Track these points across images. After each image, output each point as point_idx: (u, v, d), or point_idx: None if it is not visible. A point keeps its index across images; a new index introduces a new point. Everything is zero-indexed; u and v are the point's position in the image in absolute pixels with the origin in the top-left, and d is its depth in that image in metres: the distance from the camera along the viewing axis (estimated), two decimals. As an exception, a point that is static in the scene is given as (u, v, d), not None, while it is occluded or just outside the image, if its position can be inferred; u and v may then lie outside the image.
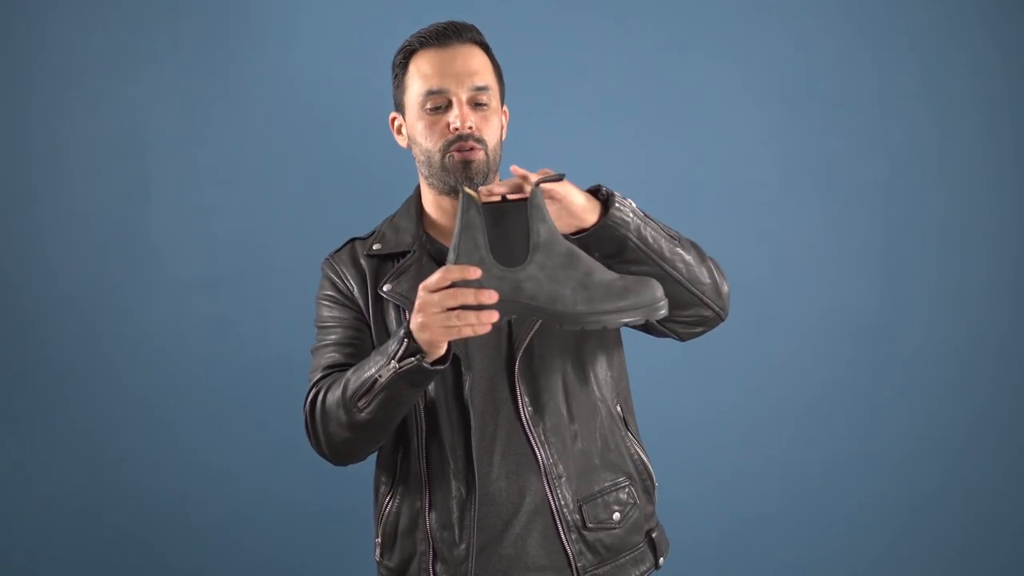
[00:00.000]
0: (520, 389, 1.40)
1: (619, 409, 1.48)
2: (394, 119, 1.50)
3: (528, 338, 1.39)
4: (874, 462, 2.22)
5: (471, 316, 1.16)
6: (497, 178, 1.48)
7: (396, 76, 1.46)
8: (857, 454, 2.22)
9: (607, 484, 1.43)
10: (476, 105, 1.41)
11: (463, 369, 1.39)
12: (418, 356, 1.23)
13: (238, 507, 2.11)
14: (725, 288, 1.39)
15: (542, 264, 1.17)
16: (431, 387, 1.40)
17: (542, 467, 1.39)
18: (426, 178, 1.46)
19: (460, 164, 1.39)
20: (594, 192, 1.31)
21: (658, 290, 1.18)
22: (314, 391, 1.39)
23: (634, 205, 1.31)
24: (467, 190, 1.18)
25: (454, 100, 1.40)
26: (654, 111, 2.18)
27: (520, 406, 1.39)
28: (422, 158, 1.43)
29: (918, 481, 2.23)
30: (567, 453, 1.40)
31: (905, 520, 2.23)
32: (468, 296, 1.16)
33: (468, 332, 1.17)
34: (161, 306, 2.10)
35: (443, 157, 1.39)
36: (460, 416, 1.40)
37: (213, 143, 2.12)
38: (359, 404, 1.29)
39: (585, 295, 1.16)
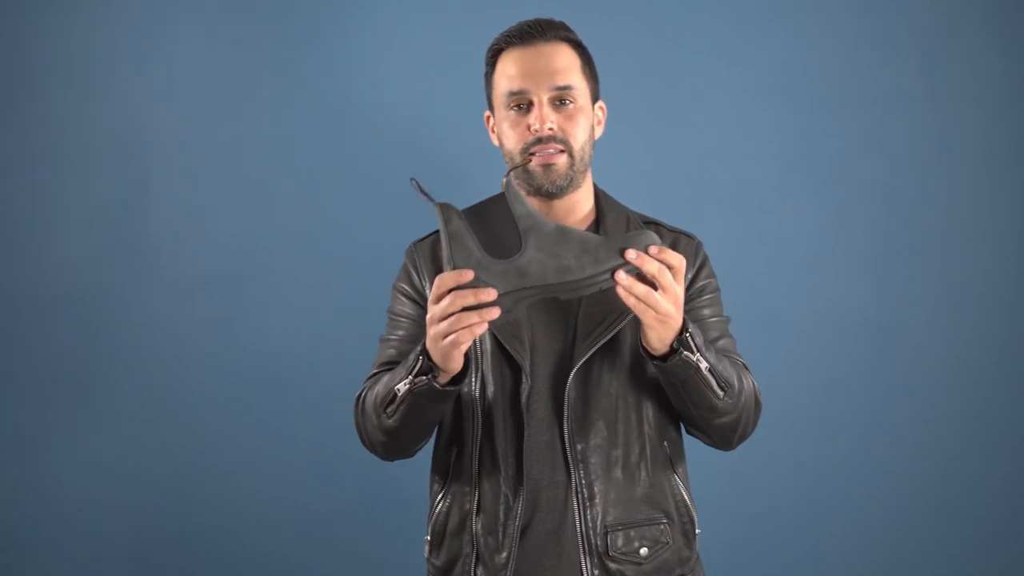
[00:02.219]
0: (568, 403, 1.37)
1: (666, 447, 1.45)
2: (488, 118, 1.49)
3: (588, 354, 1.37)
4: (874, 462, 2.22)
5: (472, 316, 1.15)
6: (589, 175, 1.47)
7: (486, 75, 1.46)
8: (857, 454, 2.22)
9: (641, 517, 1.38)
10: (559, 104, 1.40)
11: (523, 376, 1.37)
12: (429, 376, 1.23)
13: (238, 507, 2.11)
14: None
15: (538, 245, 1.17)
16: (490, 391, 1.39)
17: (573, 485, 1.37)
18: (515, 178, 1.44)
19: (540, 168, 1.38)
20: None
21: (649, 237, 1.17)
22: (363, 388, 1.41)
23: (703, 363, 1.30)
24: (439, 203, 1.18)
25: (535, 100, 1.38)
26: (654, 111, 2.18)
27: (564, 419, 1.37)
28: (507, 159, 1.43)
29: (918, 481, 2.23)
30: (603, 476, 1.37)
31: (905, 520, 2.23)
32: (467, 297, 1.15)
33: (467, 335, 1.16)
34: (161, 306, 2.10)
35: (523, 159, 1.39)
36: (515, 423, 1.38)
37: (213, 143, 2.12)
38: (387, 411, 1.31)
39: (590, 258, 1.16)
